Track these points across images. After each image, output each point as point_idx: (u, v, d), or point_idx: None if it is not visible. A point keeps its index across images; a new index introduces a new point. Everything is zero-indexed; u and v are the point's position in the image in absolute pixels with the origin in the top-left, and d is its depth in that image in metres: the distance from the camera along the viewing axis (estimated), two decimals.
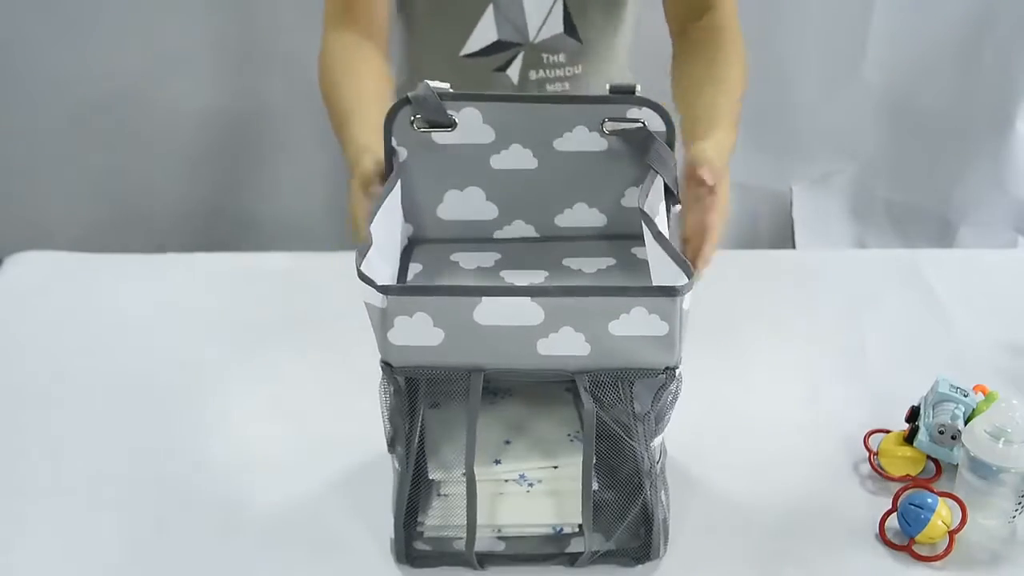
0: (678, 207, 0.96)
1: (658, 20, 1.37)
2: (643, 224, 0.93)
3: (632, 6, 1.39)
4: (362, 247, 0.85)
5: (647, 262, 0.96)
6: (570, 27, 1.35)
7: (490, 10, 1.31)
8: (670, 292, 0.81)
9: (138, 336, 1.25)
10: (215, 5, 2.10)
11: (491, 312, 0.81)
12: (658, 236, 0.90)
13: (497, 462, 0.93)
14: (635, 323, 0.82)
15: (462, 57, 1.35)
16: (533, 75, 1.36)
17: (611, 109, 1.00)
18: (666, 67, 1.32)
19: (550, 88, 1.38)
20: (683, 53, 1.32)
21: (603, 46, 1.39)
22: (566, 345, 0.83)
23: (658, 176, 0.97)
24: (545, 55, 1.35)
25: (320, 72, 1.29)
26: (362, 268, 0.82)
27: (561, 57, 1.36)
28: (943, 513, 0.96)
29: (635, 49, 1.45)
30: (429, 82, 0.99)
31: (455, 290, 0.84)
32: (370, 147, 1.06)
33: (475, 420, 0.86)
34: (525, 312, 0.81)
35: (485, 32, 1.33)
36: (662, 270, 0.88)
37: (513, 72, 1.35)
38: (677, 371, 0.86)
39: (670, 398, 0.88)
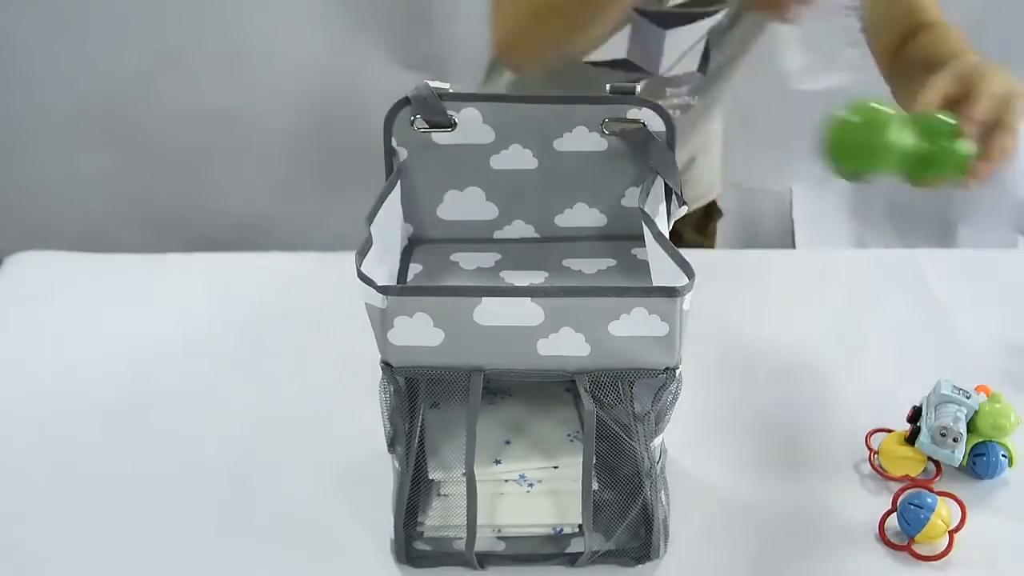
0: (684, 208, 0.96)
1: None
2: (643, 224, 0.93)
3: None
4: (362, 247, 0.85)
5: (647, 263, 0.96)
6: (703, 65, 1.32)
7: (627, 28, 1.27)
8: (670, 292, 0.81)
9: (138, 336, 1.25)
10: (215, 5, 2.10)
11: (491, 312, 0.81)
12: (658, 236, 0.90)
13: (497, 462, 0.93)
14: (635, 323, 0.82)
15: (584, 61, 1.30)
16: None
17: (611, 109, 1.00)
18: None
19: None
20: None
21: (721, 82, 1.37)
22: (566, 345, 0.83)
23: (658, 177, 0.97)
24: (668, 88, 1.32)
25: None
26: (362, 268, 0.82)
27: (683, 89, 1.34)
28: (943, 513, 0.96)
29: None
30: (429, 82, 0.99)
31: (455, 290, 0.84)
32: None
33: (475, 420, 0.86)
34: (525, 312, 0.81)
35: (615, 47, 1.29)
36: (662, 270, 0.89)
37: None
38: (677, 371, 0.86)
39: (670, 398, 0.88)
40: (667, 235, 0.92)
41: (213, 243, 1.63)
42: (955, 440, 1.02)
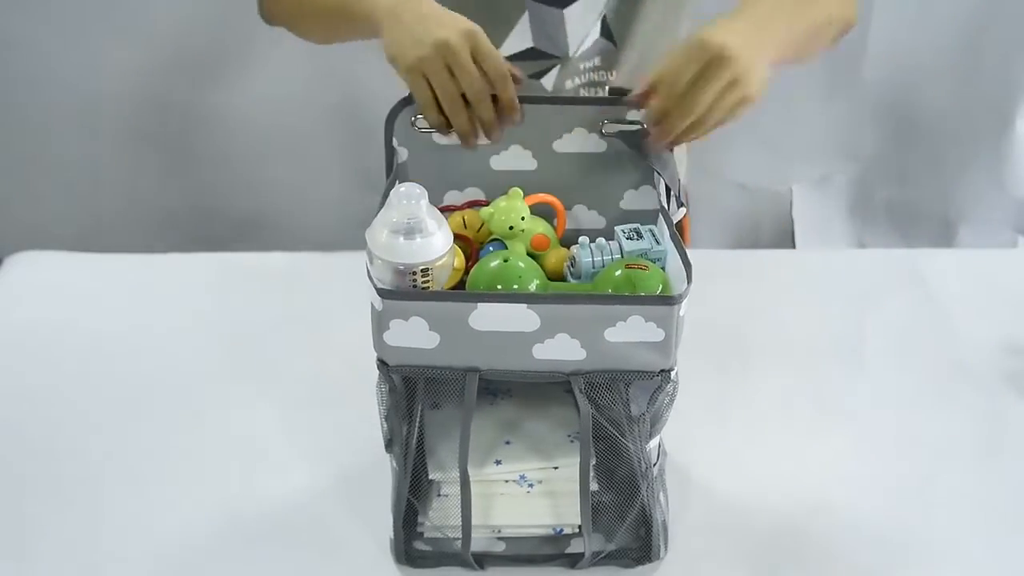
0: (683, 210, 0.96)
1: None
2: (663, 222, 0.95)
3: (676, 17, 1.32)
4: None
5: None
6: (607, 31, 1.28)
7: (525, 17, 1.24)
8: (667, 301, 0.81)
9: (137, 336, 1.25)
10: (215, 5, 2.10)
11: (487, 318, 0.82)
12: (673, 236, 0.91)
13: (498, 463, 0.93)
14: (631, 330, 0.82)
15: None
16: (569, 84, 1.29)
17: (610, 111, 1.00)
18: None
19: (584, 93, 1.30)
20: None
21: (637, 50, 1.31)
22: (562, 350, 0.83)
23: (662, 177, 0.98)
24: (582, 63, 1.29)
25: None
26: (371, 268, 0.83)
27: (595, 61, 1.30)
28: None
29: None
30: None
31: (451, 296, 0.84)
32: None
33: (469, 421, 0.86)
34: (521, 318, 0.82)
35: (520, 38, 1.26)
36: (673, 270, 0.89)
37: (547, 82, 1.28)
38: (672, 373, 0.86)
39: (666, 400, 0.88)
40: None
41: (213, 243, 1.63)
42: None
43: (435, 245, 0.85)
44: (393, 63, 0.95)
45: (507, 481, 0.93)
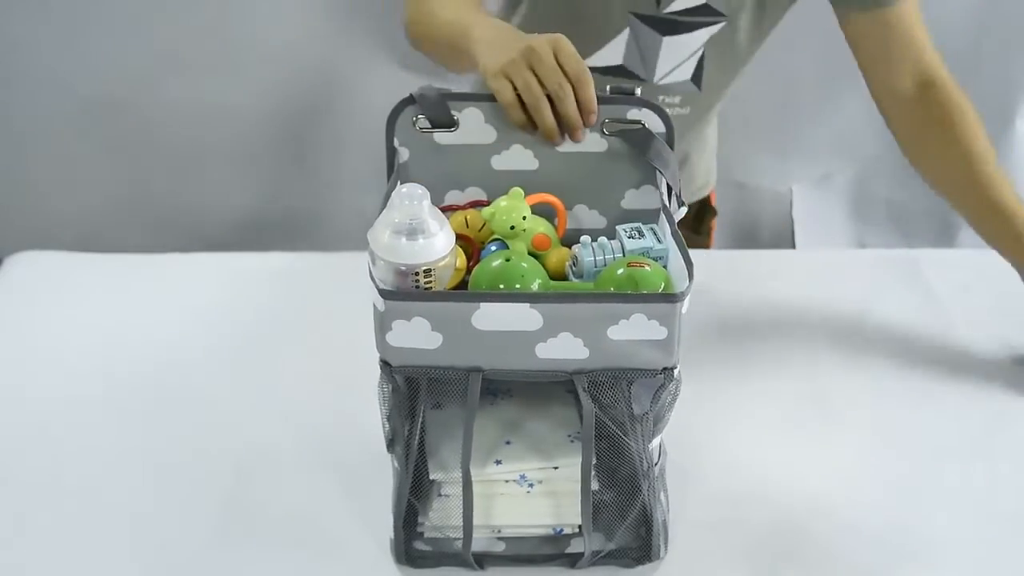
0: (684, 209, 0.96)
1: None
2: (665, 221, 0.95)
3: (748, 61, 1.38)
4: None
5: None
6: (697, 76, 1.32)
7: (625, 34, 1.27)
8: (670, 298, 0.81)
9: (138, 336, 1.25)
10: (215, 5, 2.10)
11: (489, 318, 0.82)
12: (675, 234, 0.91)
13: (498, 462, 0.93)
14: (634, 328, 0.82)
15: None
16: None
17: (611, 110, 1.00)
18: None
19: None
20: (927, 138, 1.31)
21: (716, 95, 1.38)
22: (565, 349, 0.83)
23: (664, 177, 0.98)
24: (662, 96, 1.33)
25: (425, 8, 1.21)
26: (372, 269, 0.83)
27: (676, 99, 1.34)
28: None
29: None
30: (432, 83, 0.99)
31: (453, 296, 0.84)
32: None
33: (472, 421, 0.86)
34: (524, 318, 0.82)
35: (612, 53, 1.29)
36: (675, 269, 0.89)
37: None
38: (675, 371, 0.86)
39: (669, 398, 0.88)
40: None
41: (213, 243, 1.63)
42: None
43: (437, 245, 0.85)
44: (484, 75, 0.99)
45: (507, 481, 0.93)
